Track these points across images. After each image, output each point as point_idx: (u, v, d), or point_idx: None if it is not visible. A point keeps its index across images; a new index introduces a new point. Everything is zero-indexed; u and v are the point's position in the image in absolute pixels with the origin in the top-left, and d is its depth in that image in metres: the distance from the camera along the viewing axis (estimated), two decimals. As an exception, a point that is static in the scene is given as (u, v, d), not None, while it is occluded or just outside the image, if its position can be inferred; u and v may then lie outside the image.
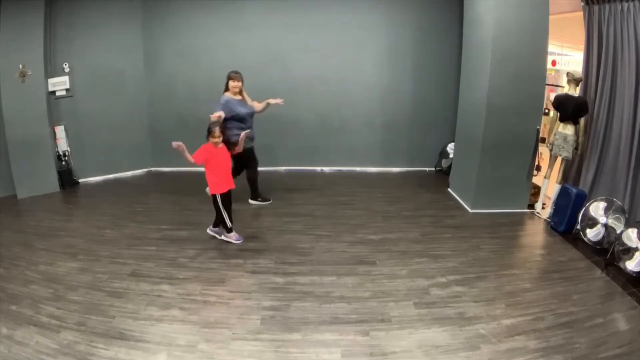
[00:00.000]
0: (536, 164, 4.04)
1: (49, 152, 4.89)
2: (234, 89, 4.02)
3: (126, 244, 3.48)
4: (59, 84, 4.96)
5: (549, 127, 4.52)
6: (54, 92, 4.96)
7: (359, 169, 5.80)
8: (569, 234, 3.66)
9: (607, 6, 3.66)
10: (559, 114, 3.93)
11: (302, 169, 5.11)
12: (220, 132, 3.33)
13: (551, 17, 3.79)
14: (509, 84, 3.86)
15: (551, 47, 4.72)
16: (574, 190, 3.68)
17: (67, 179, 5.08)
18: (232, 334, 2.33)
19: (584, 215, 3.48)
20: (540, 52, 3.85)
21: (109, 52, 5.23)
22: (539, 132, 3.98)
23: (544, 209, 4.16)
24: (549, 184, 4.14)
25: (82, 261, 3.19)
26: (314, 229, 3.79)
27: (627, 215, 3.38)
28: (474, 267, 3.09)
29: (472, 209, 4.25)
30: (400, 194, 4.79)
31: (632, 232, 3.02)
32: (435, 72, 5.59)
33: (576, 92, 3.89)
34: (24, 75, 4.59)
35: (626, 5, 3.48)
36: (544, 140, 4.33)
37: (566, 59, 6.31)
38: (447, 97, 5.54)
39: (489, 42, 3.82)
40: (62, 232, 3.76)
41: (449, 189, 4.93)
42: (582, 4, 3.88)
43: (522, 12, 3.74)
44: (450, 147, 5.47)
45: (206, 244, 3.47)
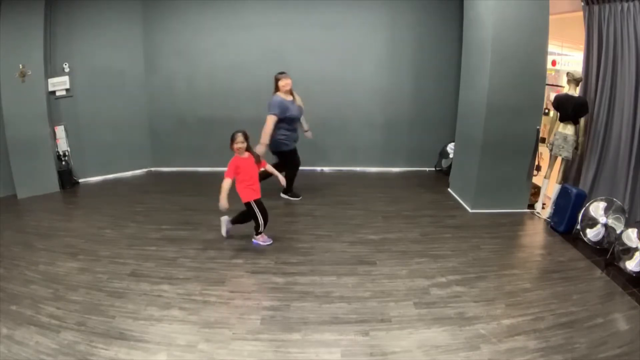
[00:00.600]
0: (536, 164, 4.04)
1: (49, 152, 4.88)
2: (285, 88, 3.99)
3: (126, 244, 3.48)
4: (59, 84, 4.96)
5: (549, 127, 4.52)
6: (54, 92, 4.95)
7: (359, 169, 5.80)
8: (569, 234, 3.66)
9: (607, 6, 3.66)
10: (559, 114, 3.93)
11: (302, 169, 5.10)
12: (244, 137, 3.29)
13: (551, 17, 3.79)
14: (509, 84, 3.86)
15: (551, 47, 4.72)
16: (574, 190, 3.68)
17: (67, 179, 5.08)
18: (232, 334, 2.33)
19: (584, 215, 3.48)
20: (540, 52, 3.85)
21: (109, 52, 5.23)
22: (539, 132, 3.98)
23: (544, 209, 4.16)
24: (549, 184, 4.14)
25: (82, 261, 3.19)
26: (314, 229, 3.79)
27: (627, 215, 3.38)
28: (474, 267, 3.09)
29: (472, 209, 4.25)
30: (400, 194, 4.79)
31: (632, 232, 3.02)
32: (435, 72, 5.59)
33: (576, 92, 3.89)
34: (24, 75, 4.58)
35: (626, 5, 3.48)
36: (544, 140, 4.33)
37: (566, 59, 6.31)
38: (447, 97, 5.54)
39: (489, 42, 3.83)
40: (62, 232, 3.76)
41: (449, 189, 4.93)
42: (582, 4, 3.88)
43: (522, 12, 3.74)
44: (450, 147, 5.46)
45: (206, 244, 3.47)
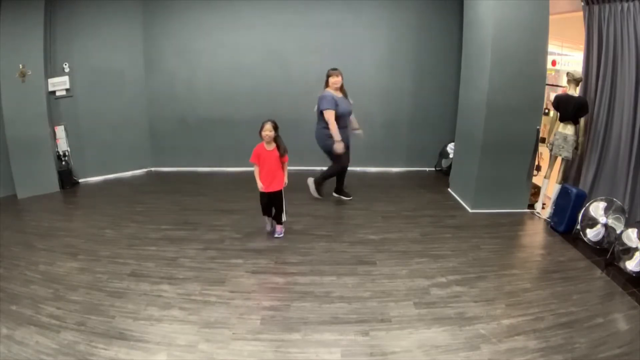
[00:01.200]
0: (536, 164, 4.04)
1: (49, 152, 4.89)
2: (335, 85, 3.99)
3: (126, 244, 3.48)
4: (59, 84, 4.96)
5: (549, 127, 4.52)
6: (54, 92, 4.96)
7: (359, 169, 5.79)
8: (569, 234, 3.66)
9: (607, 6, 3.66)
10: (559, 114, 3.93)
11: (302, 169, 5.10)
12: (272, 126, 3.37)
13: (551, 17, 3.79)
14: (509, 84, 3.86)
15: (551, 47, 4.73)
16: (574, 190, 3.68)
17: (67, 179, 5.08)
18: (232, 334, 2.33)
19: (584, 215, 3.48)
20: (540, 52, 3.85)
21: (109, 52, 5.23)
22: (539, 132, 3.98)
23: (544, 209, 4.16)
24: (549, 184, 4.14)
25: (82, 261, 3.19)
26: (314, 229, 3.79)
27: (627, 215, 3.38)
28: (474, 267, 3.09)
29: (472, 209, 4.25)
30: (400, 194, 4.79)
31: (632, 232, 3.02)
32: (435, 72, 5.58)
33: (576, 92, 3.89)
34: (24, 75, 4.58)
35: (626, 5, 3.48)
36: (544, 140, 4.33)
37: (566, 59, 6.32)
38: (447, 97, 5.54)
39: (489, 42, 3.83)
40: (62, 232, 3.76)
41: (449, 189, 4.93)
42: (582, 4, 3.88)
43: (522, 12, 3.74)
44: (450, 147, 5.46)
45: (206, 244, 3.47)
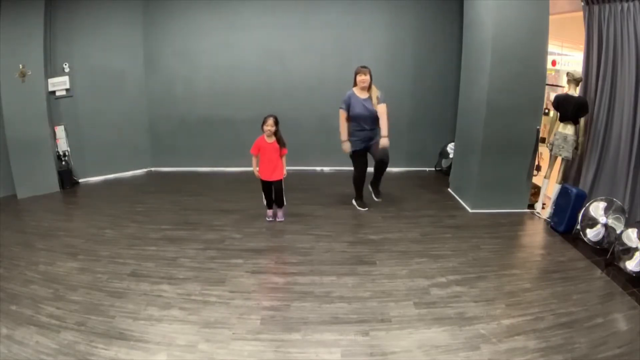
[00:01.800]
0: (536, 164, 4.04)
1: (49, 152, 4.89)
2: (361, 84, 3.84)
3: (126, 244, 3.48)
4: (59, 84, 4.96)
5: (549, 127, 4.52)
6: (54, 92, 4.96)
7: (359, 169, 5.79)
8: (569, 234, 3.66)
9: (607, 6, 3.66)
10: (559, 114, 3.93)
11: (302, 169, 5.11)
12: (274, 122, 3.66)
13: (551, 17, 3.79)
14: (509, 84, 3.86)
15: (551, 47, 4.73)
16: (574, 190, 3.68)
17: (67, 179, 5.08)
18: (232, 334, 2.33)
19: (584, 215, 3.48)
20: (540, 52, 3.85)
21: (109, 52, 5.23)
22: (539, 132, 3.98)
23: (544, 209, 4.16)
24: (549, 184, 4.14)
25: (82, 261, 3.19)
26: (314, 229, 3.79)
27: (627, 215, 3.38)
28: (474, 267, 3.09)
29: (472, 209, 4.25)
30: (400, 194, 4.79)
31: (632, 232, 3.02)
32: (435, 72, 5.59)
33: (576, 92, 3.89)
34: (24, 75, 4.58)
35: (626, 5, 3.48)
36: (544, 140, 4.33)
37: (566, 59, 6.32)
38: (447, 97, 5.54)
39: (489, 42, 3.83)
40: (62, 232, 3.76)
41: (449, 189, 4.93)
42: (582, 4, 3.88)
43: (522, 12, 3.74)
44: (450, 147, 5.46)
45: (206, 244, 3.47)
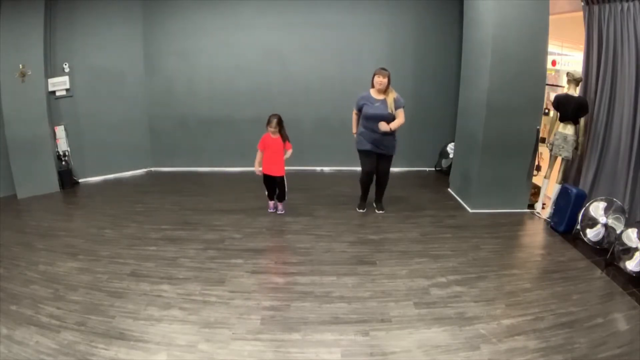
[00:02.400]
0: (536, 164, 4.04)
1: (49, 152, 4.88)
2: (378, 85, 3.83)
3: (126, 244, 3.48)
4: (59, 84, 4.96)
5: (549, 127, 4.52)
6: (54, 92, 4.95)
7: (359, 169, 5.77)
8: (569, 234, 3.66)
9: (607, 6, 3.66)
10: (559, 114, 3.93)
11: (302, 169, 5.11)
12: (277, 123, 3.81)
13: (551, 17, 3.79)
14: (509, 84, 3.87)
15: (551, 47, 4.73)
16: (574, 190, 3.68)
17: (67, 179, 5.08)
18: (232, 334, 2.33)
19: (584, 215, 3.48)
20: (540, 52, 3.85)
21: (109, 52, 5.23)
22: (539, 132, 3.98)
23: (544, 209, 4.16)
24: (549, 184, 4.14)
25: (82, 261, 3.19)
26: (314, 229, 3.79)
27: (627, 215, 3.38)
28: (474, 267, 3.09)
29: (472, 209, 4.25)
30: (400, 194, 4.79)
31: (632, 232, 3.02)
32: (435, 72, 5.58)
33: (576, 92, 3.89)
34: (24, 75, 4.58)
35: (626, 5, 3.48)
36: (544, 140, 4.33)
37: (566, 59, 6.32)
38: (447, 97, 5.54)
39: (489, 42, 3.83)
40: (62, 232, 3.76)
41: (449, 189, 4.93)
42: (582, 4, 3.88)
43: (522, 12, 3.74)
44: (450, 147, 5.46)
45: (206, 244, 3.47)
